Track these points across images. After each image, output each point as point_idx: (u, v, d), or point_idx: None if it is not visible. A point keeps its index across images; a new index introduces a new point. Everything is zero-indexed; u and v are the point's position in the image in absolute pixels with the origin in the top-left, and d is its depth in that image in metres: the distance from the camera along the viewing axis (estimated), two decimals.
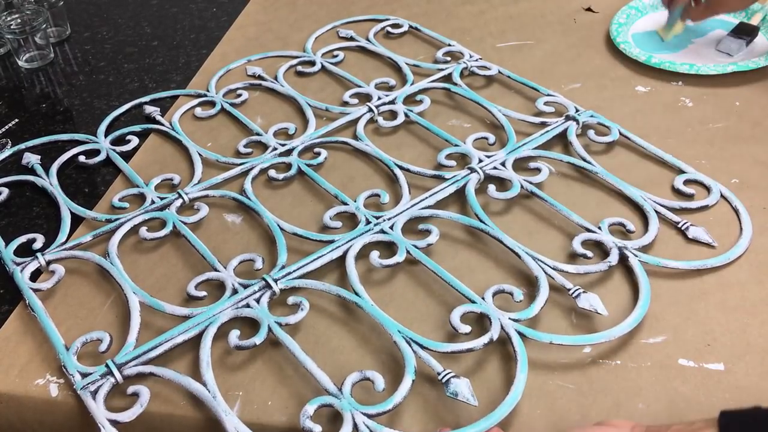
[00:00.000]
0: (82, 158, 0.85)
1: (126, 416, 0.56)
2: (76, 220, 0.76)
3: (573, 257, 0.67)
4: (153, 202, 0.77)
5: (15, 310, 0.68)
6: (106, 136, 0.89)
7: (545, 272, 0.64)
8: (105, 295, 0.68)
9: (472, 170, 0.76)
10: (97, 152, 0.86)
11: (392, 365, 0.60)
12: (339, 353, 0.61)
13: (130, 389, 0.58)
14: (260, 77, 0.98)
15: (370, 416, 0.54)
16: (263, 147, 0.85)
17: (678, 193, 0.73)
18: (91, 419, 0.57)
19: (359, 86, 0.94)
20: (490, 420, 0.54)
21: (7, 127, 0.93)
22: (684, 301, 0.62)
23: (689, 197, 0.72)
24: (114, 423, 0.56)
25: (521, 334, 0.59)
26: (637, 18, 1.02)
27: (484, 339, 0.59)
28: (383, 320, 0.61)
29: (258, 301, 0.64)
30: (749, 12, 0.99)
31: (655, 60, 0.91)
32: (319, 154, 0.82)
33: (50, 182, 0.82)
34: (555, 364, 0.58)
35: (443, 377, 0.56)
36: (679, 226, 0.69)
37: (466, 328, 0.60)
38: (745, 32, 0.95)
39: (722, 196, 0.72)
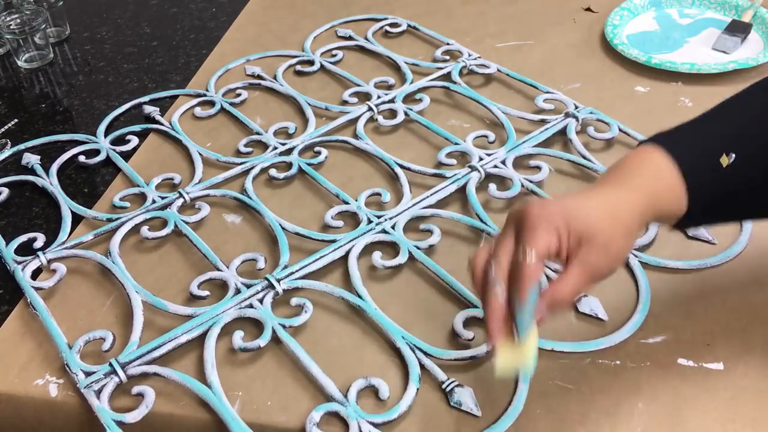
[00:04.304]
0: (82, 158, 0.85)
1: (132, 417, 0.56)
2: (76, 220, 0.76)
3: None
4: (154, 201, 0.77)
5: (14, 310, 0.68)
6: (105, 136, 0.89)
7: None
8: (105, 295, 0.68)
9: (473, 168, 0.76)
10: (96, 152, 0.86)
11: (394, 365, 0.60)
12: (340, 353, 0.61)
13: (135, 389, 0.58)
14: (259, 77, 0.98)
15: (375, 425, 0.54)
16: (263, 146, 0.85)
17: None
18: (91, 419, 0.57)
19: (358, 85, 0.94)
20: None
21: (6, 127, 0.93)
22: (684, 301, 0.63)
23: None
24: (119, 423, 0.56)
25: None
26: (630, 19, 1.02)
27: (487, 346, 0.59)
28: (386, 325, 0.61)
29: (261, 301, 0.64)
30: (740, 9, 0.99)
31: (655, 60, 0.91)
32: (319, 153, 0.82)
33: (50, 182, 0.82)
34: (555, 365, 0.58)
35: (447, 386, 0.56)
36: None
37: (469, 334, 0.60)
38: (739, 29, 0.95)
39: None
